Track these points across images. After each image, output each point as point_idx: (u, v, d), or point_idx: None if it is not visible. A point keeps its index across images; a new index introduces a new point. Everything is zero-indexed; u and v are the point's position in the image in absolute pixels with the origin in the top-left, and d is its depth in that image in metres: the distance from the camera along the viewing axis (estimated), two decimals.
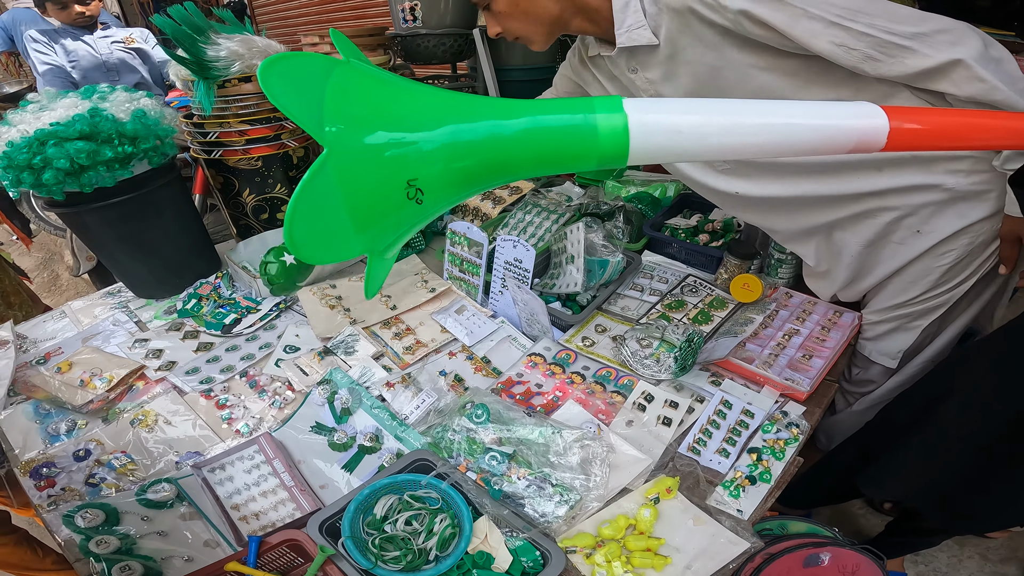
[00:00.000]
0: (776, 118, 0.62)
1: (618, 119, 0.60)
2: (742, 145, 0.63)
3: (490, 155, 0.63)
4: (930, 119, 0.65)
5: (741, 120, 0.61)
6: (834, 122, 0.62)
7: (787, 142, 0.62)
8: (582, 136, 0.61)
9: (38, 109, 1.44)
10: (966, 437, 1.23)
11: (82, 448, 1.26)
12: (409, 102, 0.64)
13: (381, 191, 0.62)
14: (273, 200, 1.94)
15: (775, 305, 1.55)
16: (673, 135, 0.61)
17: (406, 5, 2.32)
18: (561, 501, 1.08)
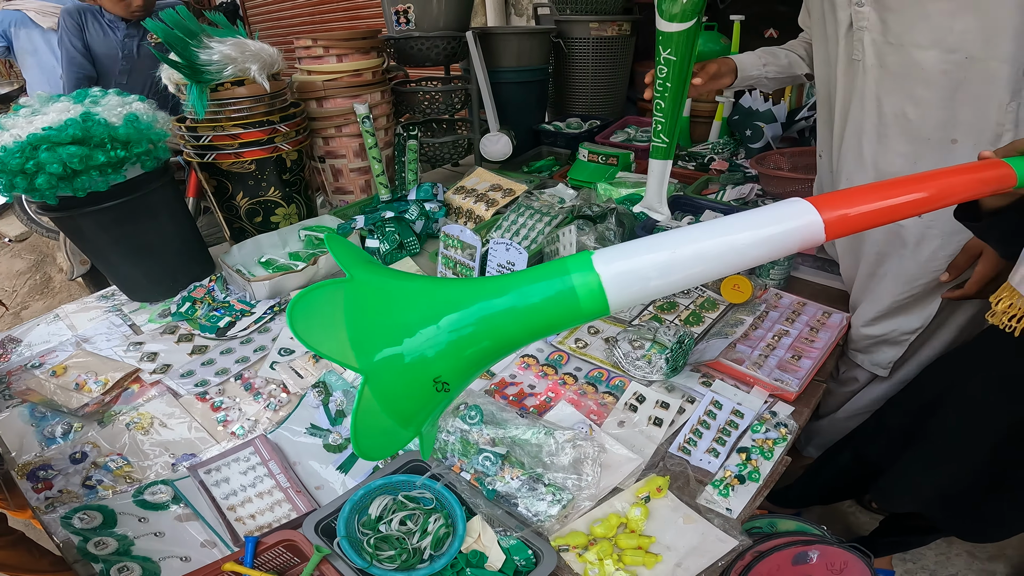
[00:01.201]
0: (728, 243, 0.66)
1: (592, 278, 0.65)
2: (706, 274, 0.67)
3: (489, 339, 0.68)
4: (859, 204, 0.68)
5: (699, 251, 0.66)
6: (778, 233, 0.67)
7: (743, 262, 0.67)
8: (564, 301, 0.66)
9: (30, 113, 1.45)
10: (967, 444, 1.24)
11: (78, 451, 1.27)
12: (410, 308, 0.70)
13: (412, 397, 0.70)
14: (267, 203, 1.95)
15: (765, 306, 1.57)
16: (643, 281, 0.66)
17: (399, 8, 2.33)
18: (553, 501, 1.09)
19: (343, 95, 2.12)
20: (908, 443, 1.36)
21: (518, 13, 3.55)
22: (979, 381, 1.23)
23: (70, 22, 2.51)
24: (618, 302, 0.66)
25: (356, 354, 0.67)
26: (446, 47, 2.38)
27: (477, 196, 2.12)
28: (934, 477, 1.30)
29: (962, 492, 1.27)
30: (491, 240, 1.57)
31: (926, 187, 0.69)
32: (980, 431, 1.22)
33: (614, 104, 3.06)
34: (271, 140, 1.84)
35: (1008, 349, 1.16)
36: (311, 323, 0.68)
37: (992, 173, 0.74)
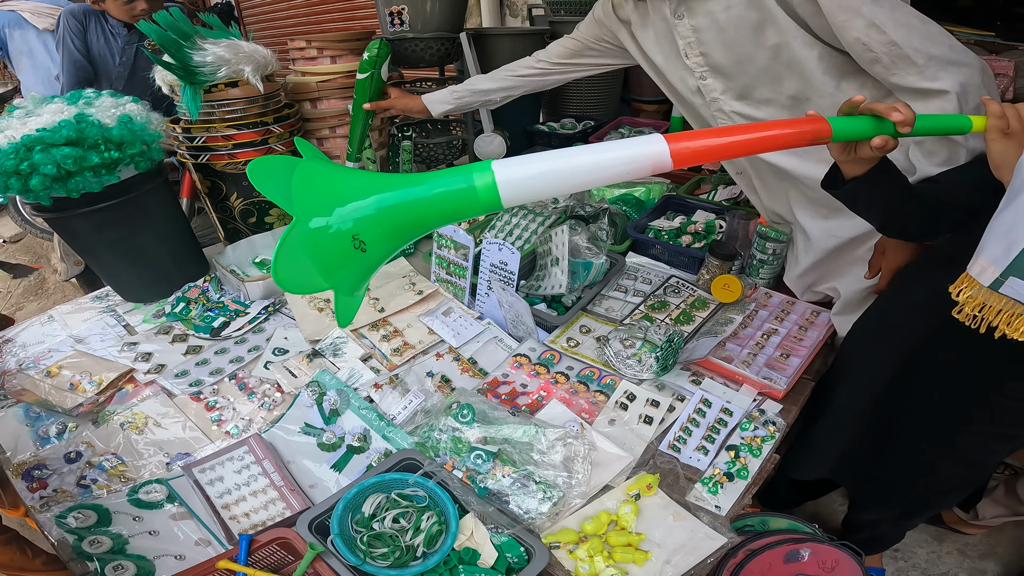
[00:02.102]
0: (596, 160, 0.83)
1: (488, 176, 0.81)
2: (578, 183, 0.85)
3: (404, 214, 0.86)
4: (699, 139, 0.83)
5: (573, 164, 0.83)
6: (633, 153, 0.82)
7: (606, 175, 0.84)
8: (466, 194, 0.83)
9: (24, 115, 1.45)
10: (853, 410, 1.34)
11: (73, 450, 1.27)
12: (348, 186, 0.89)
13: (333, 248, 0.87)
14: (261, 204, 1.95)
15: (755, 305, 1.59)
16: (528, 182, 0.83)
17: (393, 9, 2.33)
18: (545, 498, 1.10)
19: (337, 96, 2.12)
20: (818, 414, 1.44)
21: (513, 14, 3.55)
22: (859, 351, 1.35)
23: (73, 24, 2.50)
24: (509, 197, 0.82)
25: (296, 203, 0.86)
26: (440, 48, 2.38)
27: None
28: (836, 442, 1.40)
29: (859, 455, 1.37)
30: (484, 240, 1.58)
31: (754, 131, 0.84)
32: (860, 398, 1.32)
33: (608, 105, 3.06)
34: (265, 141, 1.85)
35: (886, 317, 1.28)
36: (268, 177, 0.88)
37: (810, 127, 0.84)
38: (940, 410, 1.20)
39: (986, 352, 1.07)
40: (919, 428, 1.25)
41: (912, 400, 1.23)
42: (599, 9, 1.59)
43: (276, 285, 0.91)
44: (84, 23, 2.51)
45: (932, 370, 1.18)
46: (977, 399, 1.14)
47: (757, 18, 1.24)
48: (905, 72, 1.13)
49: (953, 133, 0.97)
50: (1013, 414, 1.14)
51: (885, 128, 0.87)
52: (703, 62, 1.38)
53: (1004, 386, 1.10)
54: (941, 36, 1.12)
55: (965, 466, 1.28)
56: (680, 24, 1.36)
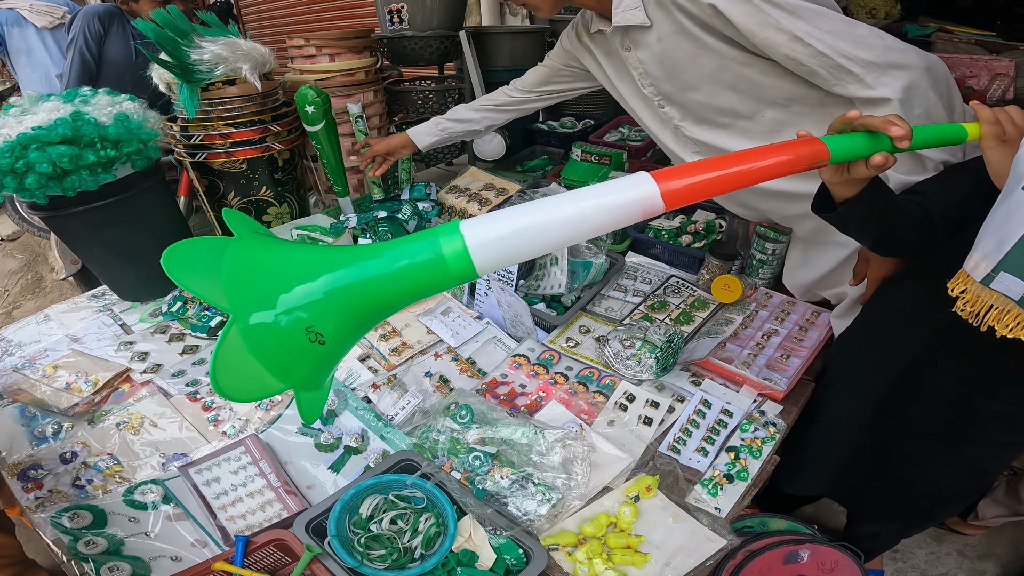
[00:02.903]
0: (577, 211, 0.72)
1: (458, 242, 0.70)
2: (560, 239, 0.74)
3: (363, 297, 0.73)
4: (691, 176, 0.74)
5: (553, 219, 0.72)
6: (619, 200, 0.72)
7: (592, 226, 0.73)
8: (433, 266, 0.71)
9: (20, 113, 1.44)
10: (847, 424, 1.32)
11: (68, 451, 1.27)
12: (293, 267, 0.75)
13: (284, 345, 0.73)
14: (258, 202, 1.95)
15: (755, 305, 1.58)
16: (504, 244, 0.71)
17: (392, 7, 2.33)
18: (543, 500, 1.09)
19: (336, 94, 2.11)
20: (808, 427, 1.42)
21: (512, 12, 3.55)
22: (849, 365, 1.32)
23: (95, 26, 2.48)
24: (484, 264, 0.71)
25: (228, 297, 0.72)
26: (440, 46, 2.38)
27: (470, 195, 2.12)
28: (828, 459, 1.37)
29: (852, 472, 1.35)
30: None
31: (749, 161, 0.76)
32: (851, 414, 1.29)
33: (608, 104, 3.05)
34: (263, 139, 1.84)
35: (878, 332, 1.25)
36: (190, 266, 0.74)
37: (807, 150, 0.79)
38: (940, 420, 1.17)
39: (981, 358, 1.06)
40: (920, 440, 1.22)
41: (911, 411, 1.20)
42: (565, 37, 1.59)
43: (221, 395, 0.77)
44: (107, 25, 2.51)
45: (929, 380, 1.15)
46: (976, 407, 1.12)
47: (689, 47, 1.25)
48: (846, 82, 1.12)
49: (950, 143, 0.94)
50: (1014, 420, 1.12)
51: (882, 144, 0.83)
52: (655, 91, 1.41)
53: (1000, 392, 1.08)
54: (873, 38, 1.10)
55: (969, 476, 1.25)
56: (629, 56, 1.38)
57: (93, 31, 2.47)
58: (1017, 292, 0.79)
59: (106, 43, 2.52)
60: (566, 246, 0.67)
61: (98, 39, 2.49)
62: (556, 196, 0.73)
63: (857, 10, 2.91)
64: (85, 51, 2.48)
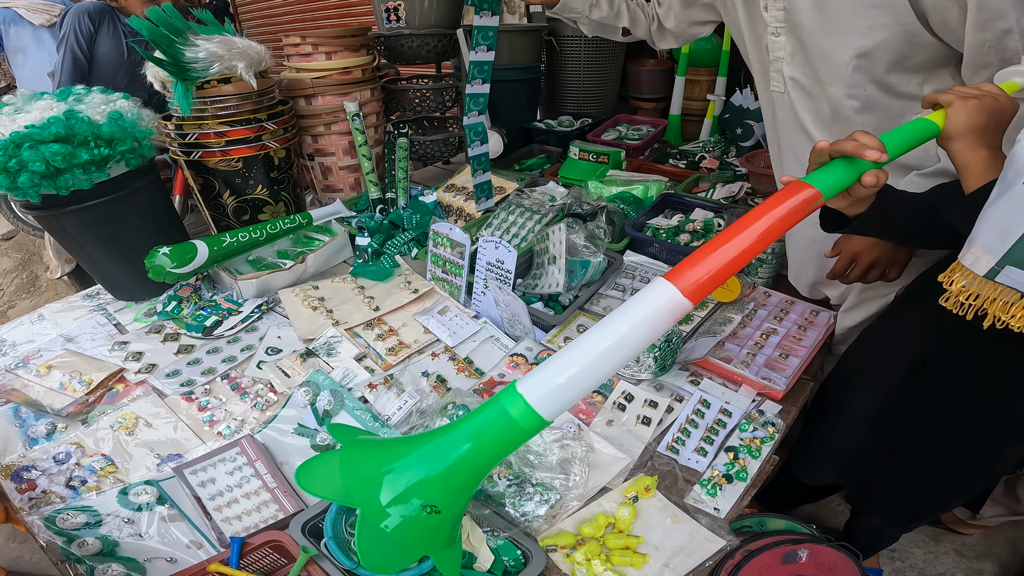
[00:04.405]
0: (617, 342, 0.77)
1: (520, 403, 0.76)
2: (608, 370, 0.78)
3: (458, 473, 0.81)
4: (703, 265, 0.77)
5: (599, 357, 0.77)
6: (649, 315, 0.76)
7: (633, 350, 0.78)
8: (508, 429, 0.78)
9: (13, 111, 1.43)
10: (864, 416, 1.32)
11: (62, 451, 1.26)
12: (391, 461, 0.84)
13: (408, 524, 0.80)
14: (254, 201, 1.94)
15: (753, 304, 1.57)
16: (561, 392, 0.77)
17: (389, 5, 2.32)
18: (541, 500, 1.09)
19: (332, 92, 2.10)
20: (826, 416, 1.42)
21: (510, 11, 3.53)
22: (881, 360, 1.29)
23: (85, 23, 2.47)
24: (550, 413, 0.77)
25: (354, 494, 0.82)
26: (437, 45, 2.37)
27: (468, 194, 2.12)
28: (846, 449, 1.38)
29: (870, 465, 1.35)
30: (480, 238, 1.56)
31: (752, 228, 0.79)
32: (881, 409, 1.28)
33: (606, 102, 3.05)
34: (258, 138, 1.83)
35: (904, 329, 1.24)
36: (315, 480, 0.85)
37: (801, 199, 0.81)
38: (952, 415, 1.18)
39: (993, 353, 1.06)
40: (931, 434, 1.23)
41: (923, 405, 1.21)
42: None
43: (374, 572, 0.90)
44: (97, 23, 2.49)
45: (941, 374, 1.16)
46: (987, 402, 1.12)
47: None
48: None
49: (924, 140, 0.94)
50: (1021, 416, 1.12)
51: (863, 166, 0.83)
52: (782, 17, 1.26)
53: (1011, 388, 1.09)
54: None
55: (978, 471, 1.26)
56: None
57: (83, 29, 2.46)
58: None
59: (97, 41, 2.50)
60: (616, 371, 0.79)
61: (89, 37, 2.48)
62: (594, 331, 0.78)
63: None
64: (76, 49, 2.47)
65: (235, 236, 1.68)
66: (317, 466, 0.87)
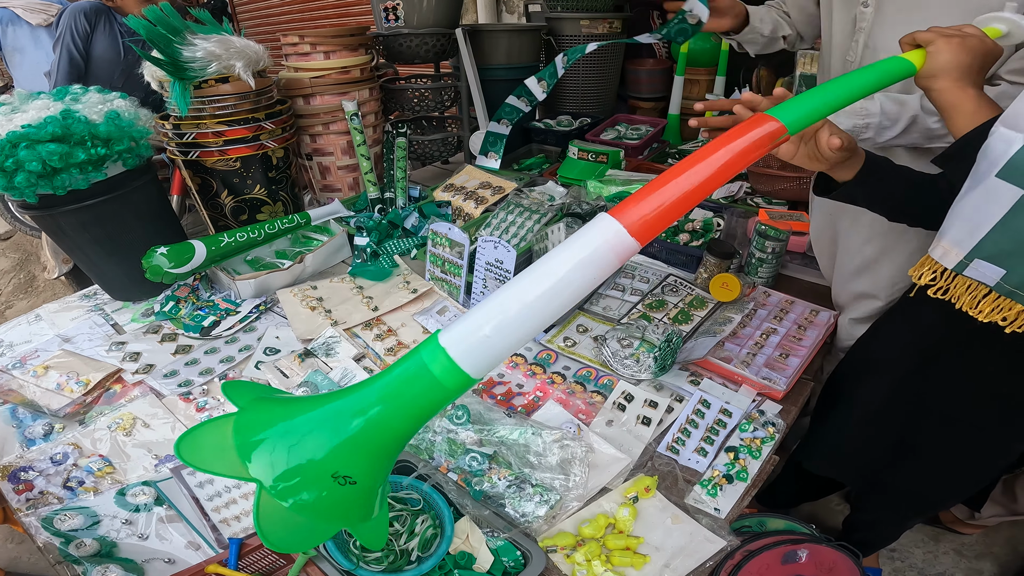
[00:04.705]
0: (550, 279, 0.68)
1: (441, 355, 0.68)
2: (544, 314, 0.69)
3: (371, 437, 0.71)
4: (650, 200, 0.69)
5: (529, 298, 0.68)
6: (590, 253, 0.68)
7: (572, 292, 0.69)
8: (425, 383, 0.69)
9: (10, 111, 1.42)
10: (867, 408, 1.32)
11: (59, 452, 1.25)
12: (294, 427, 0.73)
13: (317, 496, 0.71)
14: (252, 201, 1.93)
15: (753, 304, 1.57)
16: (488, 342, 0.68)
17: (388, 4, 2.31)
18: (541, 501, 1.08)
19: (331, 92, 2.10)
20: (836, 406, 1.43)
21: (509, 10, 3.53)
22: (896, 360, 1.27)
23: (81, 23, 2.46)
24: (477, 369, 0.69)
25: (250, 468, 0.70)
26: (436, 44, 2.36)
27: (467, 194, 2.11)
28: (852, 444, 1.38)
29: (878, 460, 1.35)
30: (479, 238, 1.56)
31: (710, 168, 0.71)
32: (894, 407, 1.27)
33: (605, 102, 3.05)
34: (256, 137, 1.82)
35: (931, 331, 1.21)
36: (202, 452, 0.73)
37: (764, 135, 0.74)
38: (959, 407, 1.17)
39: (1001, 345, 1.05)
40: (938, 427, 1.22)
41: (931, 396, 1.20)
42: None
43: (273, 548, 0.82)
44: (93, 23, 2.49)
45: (950, 366, 1.15)
46: (994, 395, 1.12)
47: None
48: None
49: (896, 79, 0.90)
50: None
51: (832, 98, 0.81)
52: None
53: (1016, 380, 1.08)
54: None
55: (981, 466, 1.26)
56: None
57: (79, 28, 2.45)
58: (992, 278, 0.80)
59: (93, 40, 2.50)
60: (553, 319, 0.69)
61: (85, 36, 2.47)
62: (523, 274, 0.71)
63: None
64: (72, 48, 2.46)
65: (233, 236, 1.68)
66: (204, 435, 0.76)
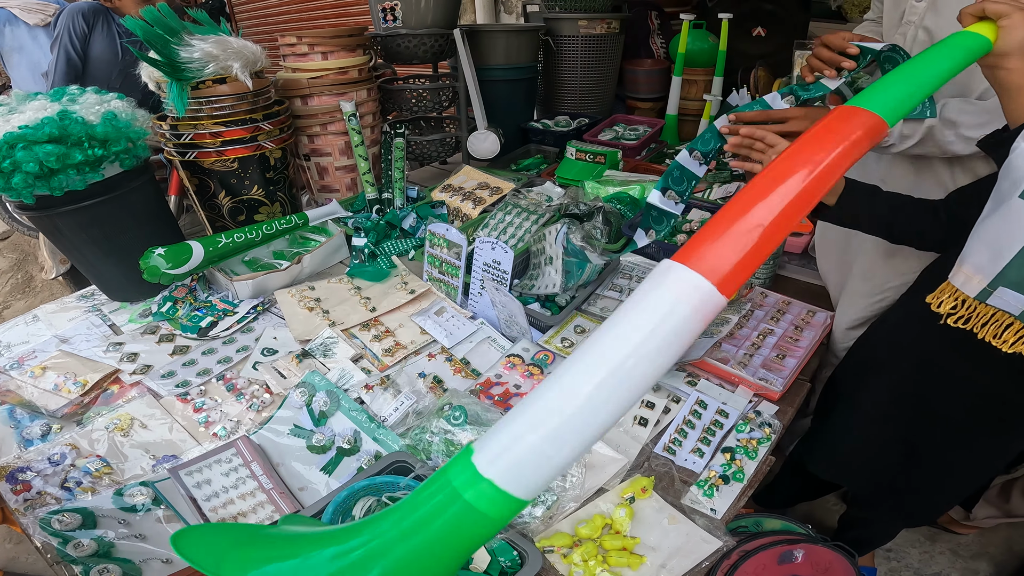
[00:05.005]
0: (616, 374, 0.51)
1: (476, 479, 0.51)
2: (609, 416, 0.53)
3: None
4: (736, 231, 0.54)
5: (592, 399, 0.51)
6: (669, 326, 0.51)
7: (642, 383, 0.52)
8: (465, 519, 0.52)
9: (7, 112, 1.42)
10: (880, 412, 1.30)
11: (57, 452, 1.25)
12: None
13: None
14: (250, 202, 1.93)
15: (750, 305, 1.57)
16: (541, 454, 0.52)
17: (386, 5, 2.31)
18: (538, 501, 1.09)
19: (329, 93, 2.10)
20: (837, 407, 1.42)
21: (507, 11, 3.53)
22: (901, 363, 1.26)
23: (79, 24, 2.46)
24: (528, 488, 0.53)
25: None
26: (434, 44, 2.36)
27: (464, 194, 2.11)
28: (855, 447, 1.37)
29: (880, 462, 1.34)
30: (477, 239, 1.56)
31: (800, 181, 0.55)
32: (900, 411, 1.26)
33: (603, 102, 3.05)
34: (254, 138, 1.82)
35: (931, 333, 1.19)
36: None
37: (864, 129, 0.62)
38: (961, 409, 1.17)
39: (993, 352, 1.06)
40: (937, 429, 1.22)
41: (932, 398, 1.20)
42: None
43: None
44: (91, 24, 2.49)
45: (951, 368, 1.14)
46: (995, 398, 1.11)
47: None
48: None
49: (974, 59, 0.78)
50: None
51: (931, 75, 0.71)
52: None
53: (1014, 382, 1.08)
54: None
55: (979, 469, 1.26)
56: None
57: (77, 29, 2.45)
58: (1017, 307, 0.76)
59: (91, 41, 2.50)
60: (617, 419, 0.53)
61: (83, 37, 2.47)
62: (580, 357, 0.53)
63: (851, 9, 2.91)
64: (70, 49, 2.46)
65: (231, 237, 1.68)
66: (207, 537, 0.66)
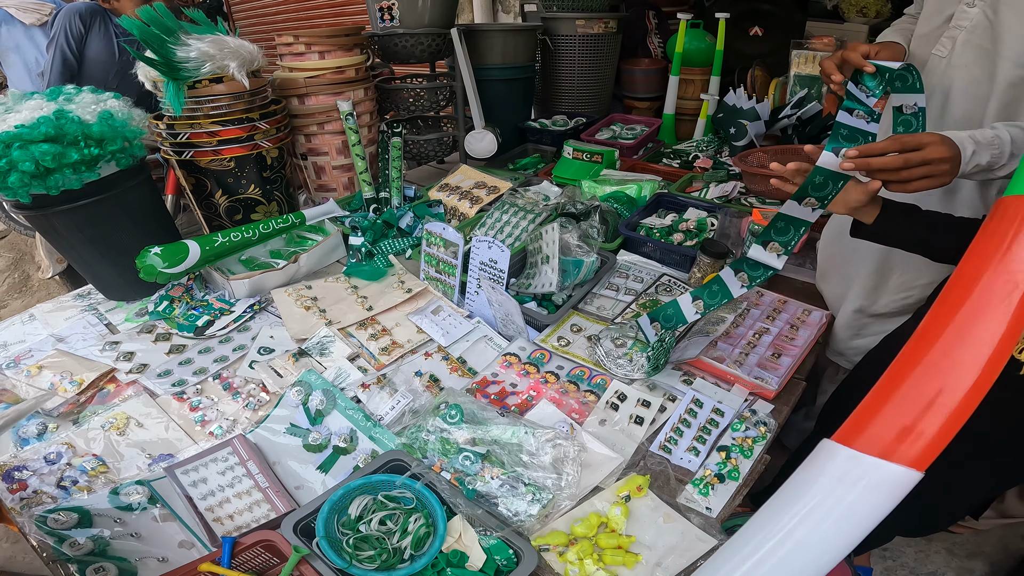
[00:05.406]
0: None
1: None
2: None
3: None
4: (918, 396, 0.51)
5: None
6: (857, 518, 0.47)
7: None
8: None
9: (3, 111, 1.42)
10: None
11: (53, 451, 1.25)
12: None
13: None
14: (246, 201, 1.93)
15: (746, 304, 1.58)
16: None
17: (383, 4, 2.31)
18: (534, 500, 1.09)
19: (326, 92, 2.10)
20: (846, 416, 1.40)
21: (505, 10, 3.53)
22: None
23: (76, 24, 2.46)
24: None
25: None
26: (431, 44, 2.36)
27: (461, 193, 2.11)
28: None
29: None
30: (474, 238, 1.56)
31: (1000, 322, 0.50)
32: None
33: (600, 102, 3.06)
34: (251, 137, 1.82)
35: None
36: None
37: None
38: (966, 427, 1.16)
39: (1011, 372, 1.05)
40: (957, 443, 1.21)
41: None
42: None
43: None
44: (88, 24, 2.49)
45: None
46: (1002, 417, 1.08)
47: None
48: None
49: None
50: None
51: None
52: None
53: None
54: None
55: (987, 485, 1.27)
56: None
57: (74, 30, 2.45)
58: None
59: (87, 42, 2.50)
60: None
61: (79, 38, 2.47)
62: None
63: (848, 9, 2.92)
64: (66, 49, 2.46)
65: (227, 236, 1.68)
66: None
